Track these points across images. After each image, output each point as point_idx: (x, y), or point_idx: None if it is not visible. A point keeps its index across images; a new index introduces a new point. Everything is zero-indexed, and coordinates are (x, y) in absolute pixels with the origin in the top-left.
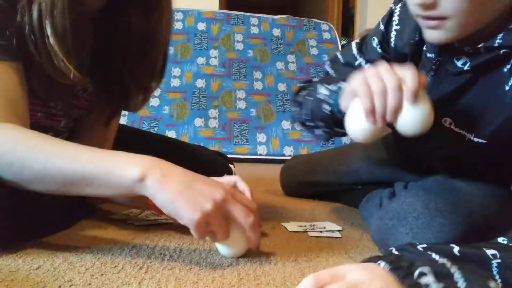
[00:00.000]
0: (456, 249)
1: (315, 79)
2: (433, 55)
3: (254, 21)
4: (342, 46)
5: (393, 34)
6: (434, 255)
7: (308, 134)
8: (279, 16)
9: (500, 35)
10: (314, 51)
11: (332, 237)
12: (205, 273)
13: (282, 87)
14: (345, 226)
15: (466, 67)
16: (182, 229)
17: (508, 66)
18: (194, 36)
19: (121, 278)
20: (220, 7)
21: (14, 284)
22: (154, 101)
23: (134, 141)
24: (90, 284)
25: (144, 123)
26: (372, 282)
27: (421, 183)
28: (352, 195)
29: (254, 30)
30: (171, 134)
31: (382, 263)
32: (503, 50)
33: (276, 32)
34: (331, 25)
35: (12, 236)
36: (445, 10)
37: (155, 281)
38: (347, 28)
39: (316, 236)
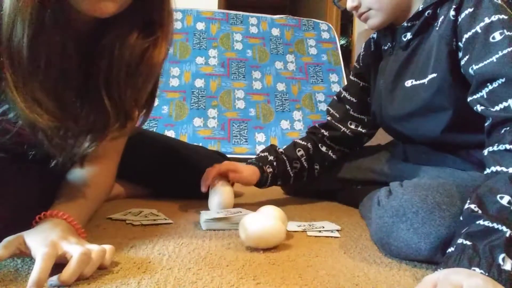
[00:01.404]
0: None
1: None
2: (389, 44)
3: (253, 20)
4: (341, 45)
5: (361, 58)
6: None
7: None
8: (278, 16)
9: (423, 1)
10: (313, 51)
11: (331, 236)
12: (204, 273)
13: (281, 86)
14: (344, 225)
15: (409, 36)
16: (181, 229)
17: (437, 22)
18: (193, 35)
19: (120, 277)
20: (219, 7)
21: (13, 284)
22: None
23: (133, 142)
24: (89, 284)
25: None
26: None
27: (415, 180)
28: (351, 194)
29: (253, 29)
30: (170, 133)
31: (477, 269)
32: (428, 11)
33: (275, 31)
34: (330, 25)
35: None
36: (366, 4)
37: (154, 281)
38: (346, 27)
39: (315, 236)
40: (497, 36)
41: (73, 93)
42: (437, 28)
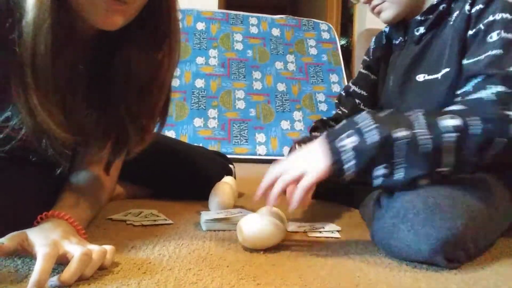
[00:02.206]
0: None
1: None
2: (401, 38)
3: (253, 21)
4: (341, 46)
5: (370, 51)
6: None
7: (307, 133)
8: (278, 16)
9: None
10: (313, 51)
11: (331, 237)
12: (204, 274)
13: (281, 87)
14: (344, 226)
15: (422, 30)
16: (181, 230)
17: (451, 16)
18: (193, 36)
19: (121, 278)
20: (219, 7)
21: (13, 285)
22: None
23: None
24: (89, 284)
25: None
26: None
27: None
28: (352, 195)
29: (253, 30)
30: (170, 134)
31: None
32: (442, 5)
33: (275, 32)
34: (330, 25)
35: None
36: None
37: (154, 282)
38: (346, 27)
39: (316, 236)
40: (494, 36)
41: (82, 104)
42: (451, 23)
